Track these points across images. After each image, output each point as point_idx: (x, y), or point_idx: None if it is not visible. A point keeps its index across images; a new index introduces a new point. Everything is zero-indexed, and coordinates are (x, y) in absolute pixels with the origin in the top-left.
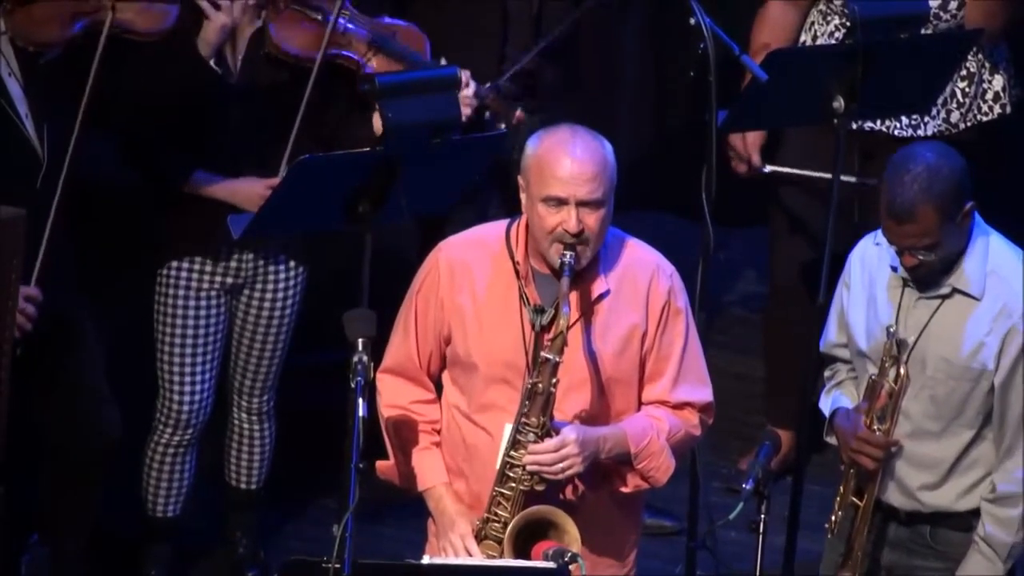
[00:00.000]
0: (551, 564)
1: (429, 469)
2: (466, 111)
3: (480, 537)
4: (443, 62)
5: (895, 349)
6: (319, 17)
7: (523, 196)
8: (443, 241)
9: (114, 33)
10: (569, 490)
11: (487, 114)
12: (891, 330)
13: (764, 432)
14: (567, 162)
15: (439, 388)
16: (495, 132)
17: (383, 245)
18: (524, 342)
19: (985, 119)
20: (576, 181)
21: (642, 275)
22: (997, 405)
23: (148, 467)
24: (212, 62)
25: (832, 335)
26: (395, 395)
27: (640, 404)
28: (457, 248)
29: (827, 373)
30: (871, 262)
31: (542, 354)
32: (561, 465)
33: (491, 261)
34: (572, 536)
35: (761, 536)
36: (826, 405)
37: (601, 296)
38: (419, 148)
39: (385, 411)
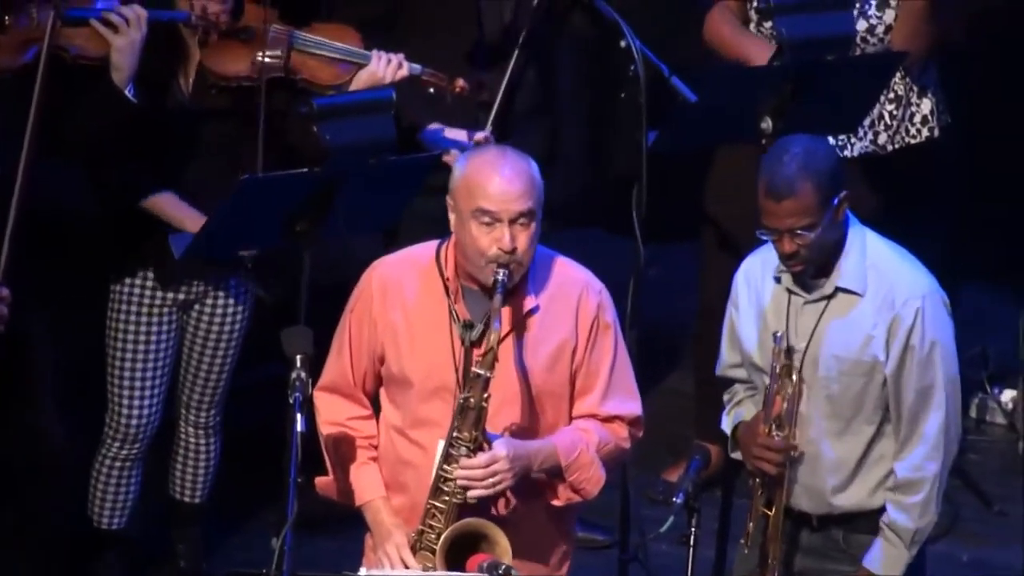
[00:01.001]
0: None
1: (367, 484)
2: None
3: (416, 549)
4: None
5: (784, 356)
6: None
7: (452, 216)
8: (376, 260)
9: (69, 59)
10: (502, 503)
11: (431, 90)
12: (778, 335)
13: (694, 446)
14: (497, 180)
15: (376, 405)
16: (431, 154)
17: (349, 260)
18: (455, 358)
19: (913, 141)
20: (507, 198)
21: (572, 292)
22: (891, 395)
23: (95, 479)
24: (129, 91)
25: (725, 357)
26: (332, 412)
27: (571, 418)
28: (389, 267)
29: (726, 396)
30: (755, 278)
31: (473, 369)
32: (492, 480)
33: (421, 279)
34: (503, 548)
35: (692, 549)
36: (727, 424)
37: (531, 312)
38: (357, 168)
39: (323, 428)
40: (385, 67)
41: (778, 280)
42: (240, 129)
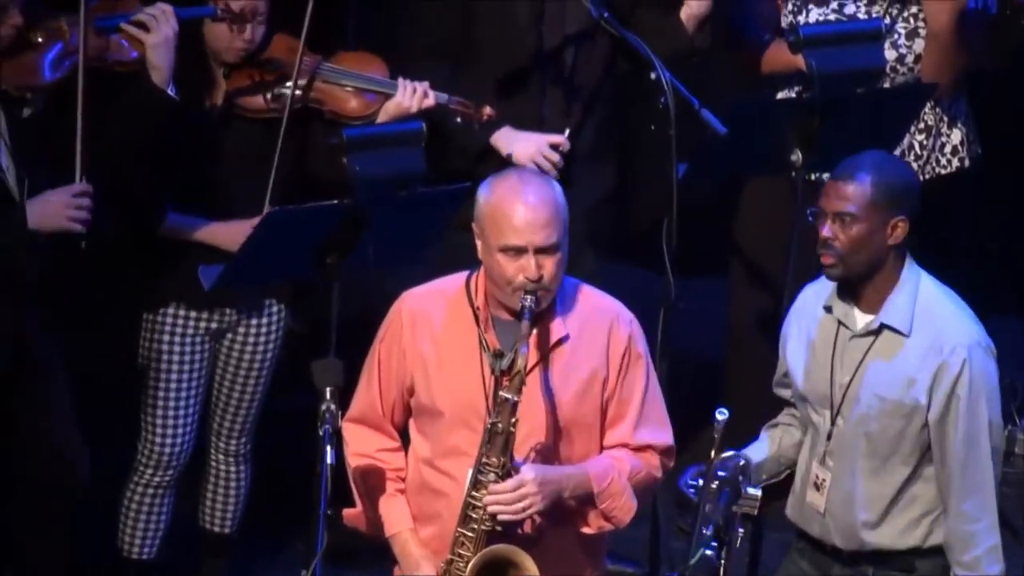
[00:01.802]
0: None
1: (395, 516)
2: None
3: None
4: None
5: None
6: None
7: (479, 243)
8: (405, 292)
9: (107, 67)
10: (532, 530)
11: (458, 119)
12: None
13: (724, 479)
14: (521, 209)
15: (405, 436)
16: (460, 185)
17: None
18: (484, 387)
19: (944, 172)
20: (531, 228)
21: (603, 321)
22: (935, 442)
23: (126, 508)
24: (171, 89)
25: (777, 371)
26: (361, 444)
27: (602, 448)
28: (418, 299)
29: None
30: (808, 306)
31: (501, 393)
32: (520, 505)
33: (450, 310)
34: (531, 574)
35: None
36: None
37: (561, 340)
38: (386, 200)
39: (352, 460)
40: (411, 96)
41: (829, 310)
42: (263, 146)
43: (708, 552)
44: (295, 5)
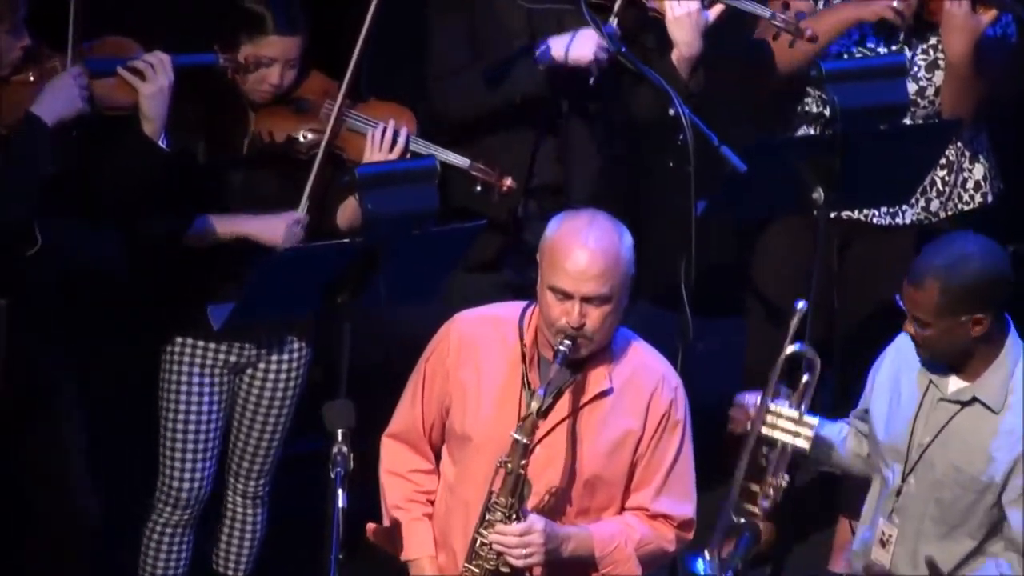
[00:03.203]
0: None
1: (417, 540)
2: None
3: None
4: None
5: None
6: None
7: (539, 273)
8: (458, 314)
9: (98, 111)
10: (537, 574)
11: (478, 187)
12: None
13: (744, 522)
14: (578, 255)
15: (439, 458)
16: (473, 223)
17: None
18: (516, 416)
19: (966, 208)
20: (583, 277)
21: (647, 382)
22: (1009, 520)
23: (146, 546)
24: (161, 140)
25: (859, 408)
26: (396, 462)
27: (623, 507)
28: (469, 323)
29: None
30: (905, 353)
31: (512, 434)
32: (523, 551)
33: (500, 340)
34: None
35: None
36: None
37: (603, 393)
38: (398, 238)
39: (384, 476)
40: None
41: (921, 363)
42: (292, 199)
43: None
44: (331, 40)
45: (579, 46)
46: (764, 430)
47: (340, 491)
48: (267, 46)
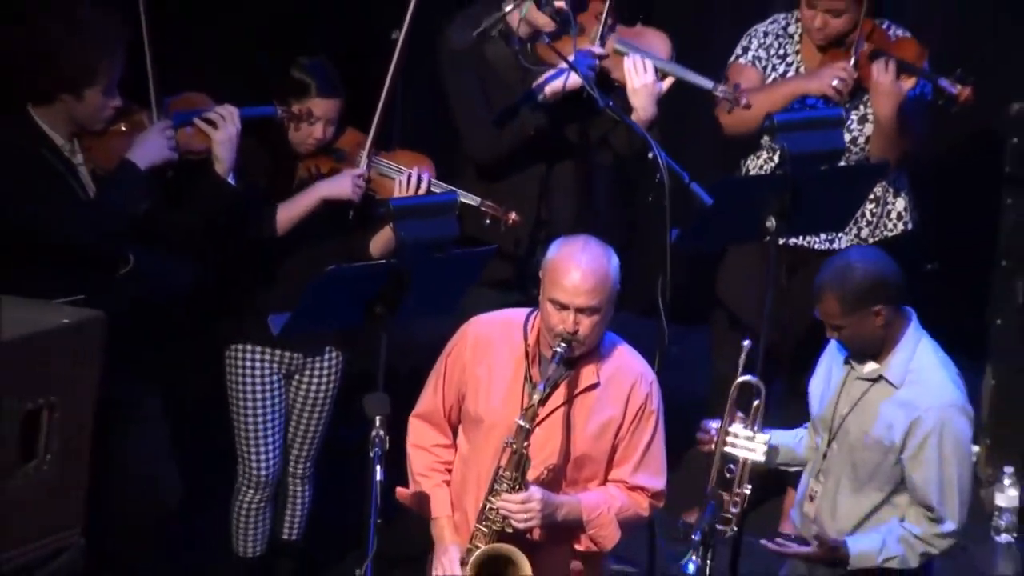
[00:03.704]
0: None
1: (438, 503)
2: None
3: (464, 562)
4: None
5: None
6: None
7: (541, 287)
8: (474, 317)
9: (179, 154)
10: (536, 537)
11: (487, 220)
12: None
13: (710, 493)
14: (574, 274)
15: (456, 435)
16: (486, 248)
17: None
18: (519, 404)
19: (890, 234)
20: (577, 292)
21: (628, 378)
22: (907, 479)
23: (236, 520)
24: (230, 178)
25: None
26: (421, 437)
27: (606, 478)
28: (484, 326)
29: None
30: (836, 348)
31: (516, 420)
32: (524, 516)
33: (508, 341)
34: (524, 573)
35: None
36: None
37: (592, 386)
38: (425, 260)
39: (410, 449)
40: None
41: (849, 357)
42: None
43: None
44: (365, 102)
45: (561, 83)
46: (726, 449)
47: (378, 467)
48: (312, 107)
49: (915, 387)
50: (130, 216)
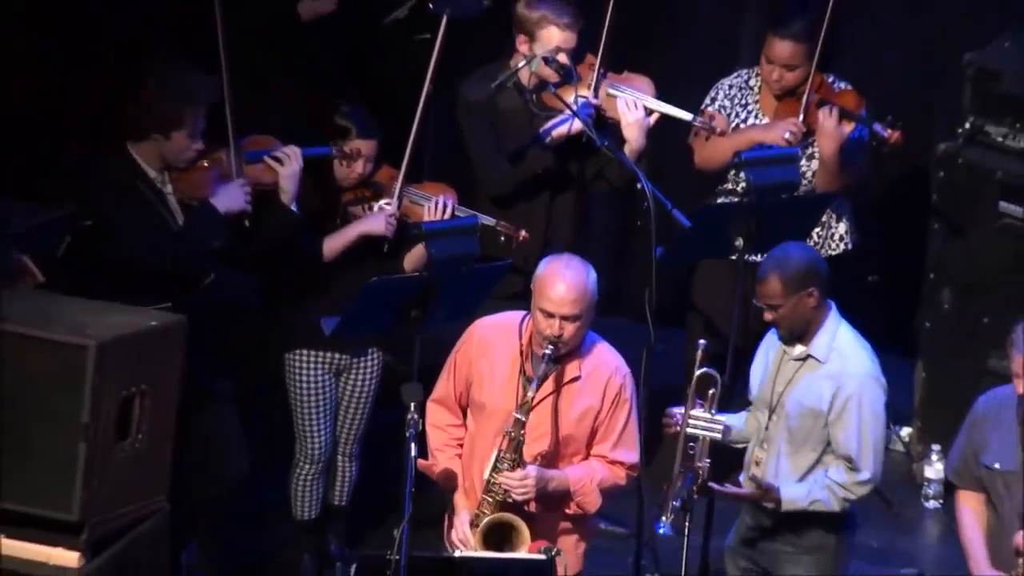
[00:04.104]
0: (542, 556)
1: (451, 476)
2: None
3: (473, 524)
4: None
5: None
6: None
7: (532, 298)
8: (478, 320)
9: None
10: (533, 507)
11: (502, 238)
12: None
13: (681, 467)
14: (559, 287)
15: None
16: (502, 263)
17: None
18: (516, 400)
19: (834, 253)
20: (562, 303)
21: (605, 372)
22: (832, 438)
23: (294, 489)
24: (293, 207)
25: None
26: (437, 418)
27: (588, 453)
28: (487, 327)
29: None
30: (771, 340)
31: (513, 413)
32: (521, 489)
33: (506, 341)
34: (524, 537)
35: (686, 538)
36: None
37: (574, 379)
38: (451, 273)
39: (428, 428)
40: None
41: (780, 340)
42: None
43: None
44: (397, 143)
45: (567, 128)
46: (689, 430)
47: (412, 445)
48: (354, 145)
49: (838, 361)
50: (207, 249)
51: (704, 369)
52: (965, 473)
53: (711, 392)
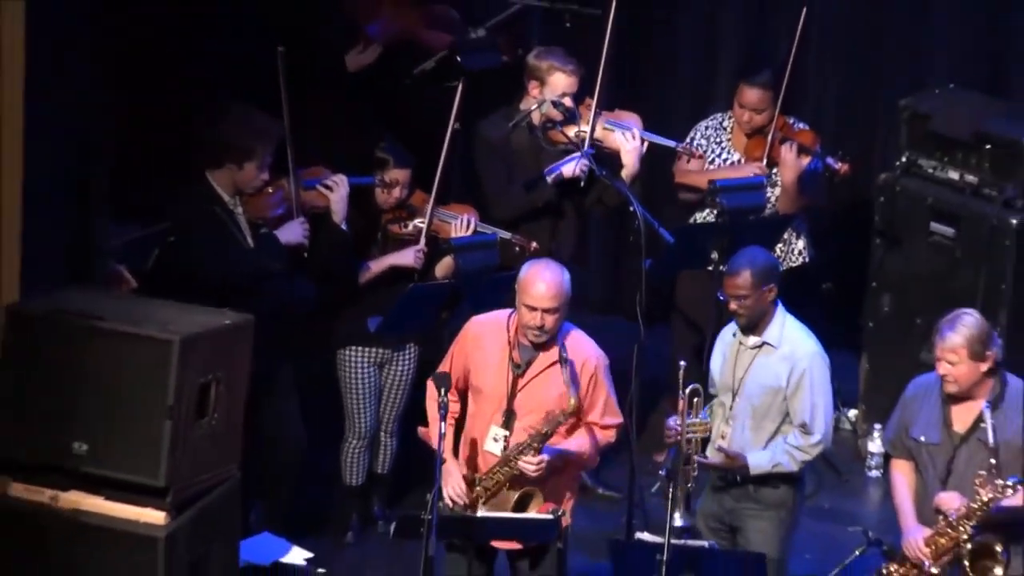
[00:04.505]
0: (550, 516)
1: (445, 442)
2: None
3: (472, 485)
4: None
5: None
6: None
7: (517, 296)
8: (473, 317)
9: (304, 209)
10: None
11: (517, 249)
12: (716, 377)
13: (673, 442)
14: (540, 286)
15: (463, 399)
16: (515, 272)
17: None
18: (507, 382)
19: (794, 265)
20: (542, 298)
21: (581, 356)
22: (790, 409)
23: (344, 459)
24: (344, 225)
25: (711, 381)
26: (435, 393)
27: (576, 425)
28: (480, 324)
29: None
30: (726, 335)
31: (554, 411)
32: (536, 471)
33: (496, 334)
34: (538, 502)
35: (671, 500)
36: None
37: (555, 362)
38: (475, 281)
39: (429, 401)
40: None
41: (735, 335)
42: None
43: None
44: (428, 171)
45: (573, 167)
46: (687, 435)
47: (443, 424)
48: (392, 175)
49: (789, 345)
50: (269, 270)
51: (691, 387)
52: (898, 444)
53: (696, 401)
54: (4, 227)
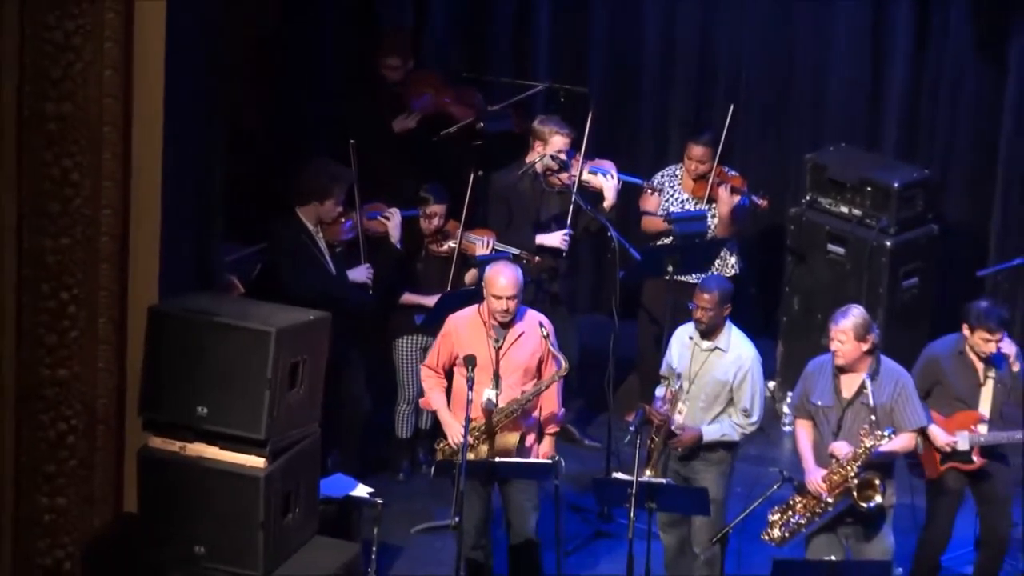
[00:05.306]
0: (550, 460)
1: (439, 402)
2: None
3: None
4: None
5: (682, 379)
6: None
7: (485, 289)
8: (451, 315)
9: (367, 235)
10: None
11: (524, 262)
12: (678, 370)
13: (639, 406)
14: (500, 279)
15: (448, 376)
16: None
17: None
18: (490, 354)
19: (728, 275)
20: (504, 289)
21: (534, 324)
22: (734, 398)
23: (397, 418)
24: (399, 245)
25: (663, 365)
26: (427, 374)
27: (539, 376)
28: (458, 319)
29: (663, 382)
30: (684, 334)
31: (676, 379)
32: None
33: (473, 323)
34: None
35: (638, 450)
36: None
37: (520, 335)
38: None
39: (424, 380)
40: (485, 247)
41: (691, 337)
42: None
43: None
44: (458, 205)
45: (554, 240)
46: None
47: (470, 392)
48: (432, 209)
49: (736, 349)
50: (341, 295)
51: (678, 386)
52: (801, 408)
53: (674, 389)
54: (145, 247)
